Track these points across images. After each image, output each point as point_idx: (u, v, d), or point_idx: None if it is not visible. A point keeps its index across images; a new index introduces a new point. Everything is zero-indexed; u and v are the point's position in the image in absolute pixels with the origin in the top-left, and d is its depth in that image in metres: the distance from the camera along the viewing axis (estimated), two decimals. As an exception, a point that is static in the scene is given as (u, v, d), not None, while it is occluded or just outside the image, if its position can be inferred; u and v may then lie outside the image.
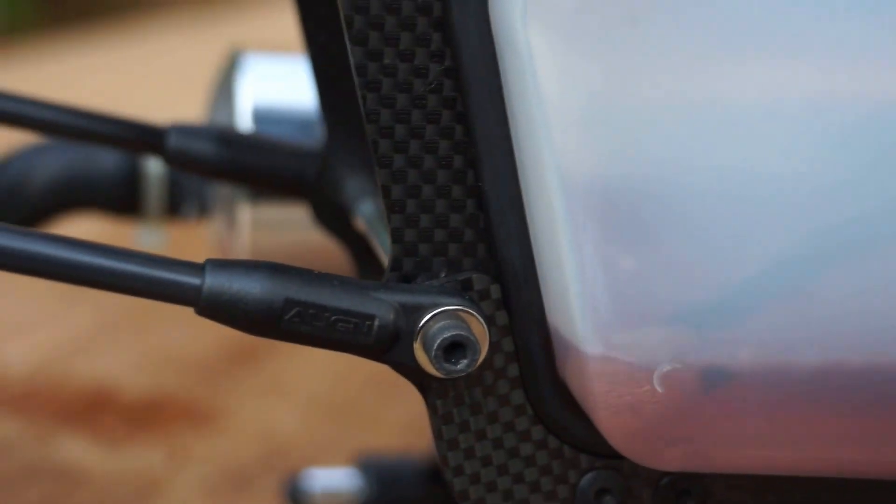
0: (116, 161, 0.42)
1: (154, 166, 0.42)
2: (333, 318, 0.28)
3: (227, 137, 0.36)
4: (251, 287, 0.27)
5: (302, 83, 0.42)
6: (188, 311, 0.77)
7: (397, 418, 0.59)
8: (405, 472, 0.50)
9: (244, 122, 0.41)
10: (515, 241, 0.28)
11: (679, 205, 0.26)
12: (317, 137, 0.41)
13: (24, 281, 0.65)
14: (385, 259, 0.33)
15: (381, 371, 0.65)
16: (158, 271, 0.27)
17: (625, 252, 0.26)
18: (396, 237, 0.28)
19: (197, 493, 0.51)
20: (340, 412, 0.59)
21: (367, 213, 0.34)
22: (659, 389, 0.26)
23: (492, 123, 0.28)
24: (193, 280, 0.27)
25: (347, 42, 0.27)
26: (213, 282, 0.27)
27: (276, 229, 0.42)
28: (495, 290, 0.29)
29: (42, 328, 0.65)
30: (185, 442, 0.55)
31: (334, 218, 0.36)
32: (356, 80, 0.27)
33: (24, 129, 0.36)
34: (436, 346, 0.27)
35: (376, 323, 0.28)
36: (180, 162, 0.36)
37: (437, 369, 0.28)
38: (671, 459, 0.28)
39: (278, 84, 0.42)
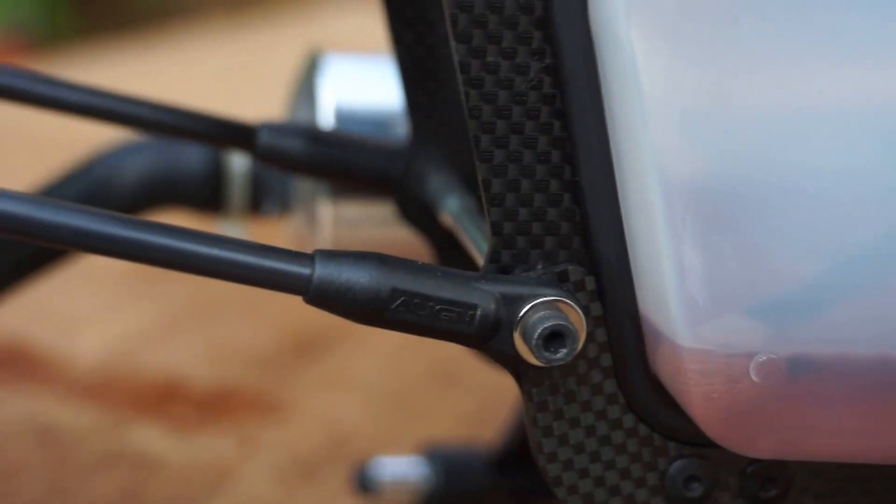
0: (202, 159, 0.42)
1: (238, 164, 0.43)
2: (437, 307, 0.28)
3: (315, 135, 0.36)
4: (359, 277, 0.28)
5: (380, 83, 0.42)
6: (248, 306, 0.78)
7: (454, 409, 0.60)
8: (471, 462, 0.50)
9: (326, 121, 0.42)
10: (610, 234, 0.29)
11: (773, 201, 0.26)
12: (394, 136, 0.41)
13: (91, 275, 0.66)
14: (474, 252, 0.33)
15: (435, 364, 0.65)
16: (271, 261, 0.28)
17: (721, 246, 0.27)
18: (496, 230, 0.29)
19: (267, 481, 0.52)
20: (398, 403, 0.60)
21: (453, 209, 0.35)
22: (754, 378, 0.27)
23: (590, 120, 0.28)
24: (304, 270, 0.28)
25: (451, 40, 0.27)
26: (322, 271, 0.28)
27: (356, 226, 0.42)
28: (590, 282, 0.29)
29: (110, 321, 0.65)
30: (253, 431, 0.55)
31: (419, 213, 0.37)
32: (459, 76, 0.28)
33: (119, 126, 0.37)
34: (536, 335, 0.28)
35: (478, 312, 0.28)
36: (271, 159, 0.36)
37: (536, 358, 0.28)
38: (764, 447, 0.28)
39: (358, 84, 0.43)
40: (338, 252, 0.28)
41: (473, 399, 0.61)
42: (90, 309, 0.66)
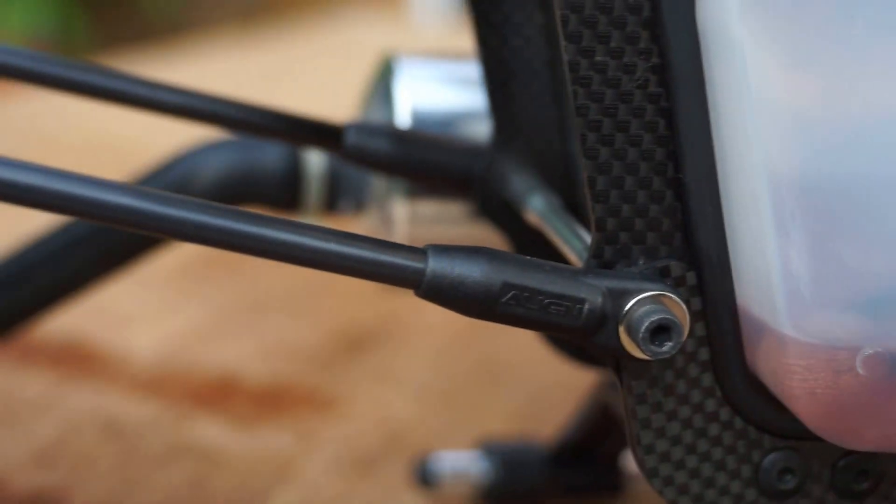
0: (281, 158, 0.43)
1: (315, 163, 0.43)
2: (546, 301, 0.28)
3: (400, 135, 0.37)
4: (471, 271, 0.28)
5: (453, 85, 0.43)
6: (294, 305, 0.78)
7: (503, 405, 0.60)
8: (528, 458, 0.50)
9: (403, 123, 0.42)
10: (711, 230, 0.29)
11: (883, 198, 0.27)
12: (470, 136, 0.41)
13: (140, 275, 0.66)
14: (565, 249, 0.34)
15: (481, 361, 0.66)
16: (385, 255, 0.28)
17: (829, 241, 0.27)
18: (599, 226, 0.29)
19: (328, 474, 0.52)
20: (448, 399, 0.60)
21: (538, 207, 0.35)
22: (860, 372, 0.27)
23: (694, 118, 0.28)
24: (418, 264, 0.28)
25: (561, 40, 0.28)
26: (435, 266, 0.28)
27: (432, 224, 0.42)
28: (691, 277, 0.29)
29: (162, 319, 0.66)
30: (310, 426, 0.56)
31: (501, 211, 0.37)
32: (568, 76, 0.28)
33: (205, 125, 0.37)
34: (643, 329, 0.28)
35: (586, 306, 0.28)
36: (357, 158, 0.36)
37: (643, 351, 0.28)
38: (866, 439, 0.28)
39: (432, 86, 0.43)
40: (449, 247, 0.29)
41: (521, 396, 0.61)
42: (142, 308, 0.66)
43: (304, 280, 0.72)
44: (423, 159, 0.37)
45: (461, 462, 0.50)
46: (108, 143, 0.93)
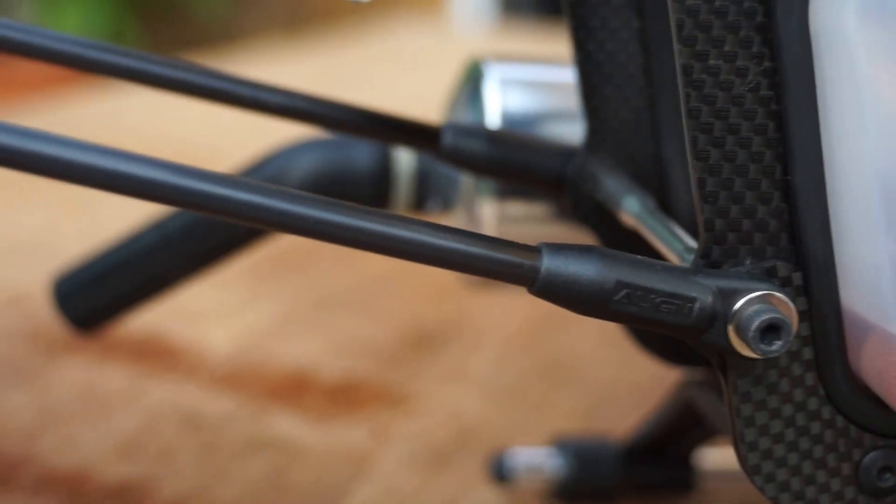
0: (371, 157, 0.43)
1: (405, 162, 0.43)
2: (658, 299, 0.28)
3: (495, 136, 0.37)
4: (585, 269, 0.28)
5: (541, 88, 0.43)
6: (360, 303, 0.78)
7: (568, 403, 0.60)
8: (601, 454, 0.50)
9: (493, 125, 0.42)
10: (818, 231, 0.29)
11: None
12: (560, 138, 0.42)
13: (212, 273, 0.66)
14: (664, 249, 0.34)
15: (543, 360, 0.65)
16: (500, 253, 0.28)
17: None
18: (707, 226, 0.29)
19: (404, 469, 0.52)
20: (515, 396, 0.60)
21: (634, 208, 0.35)
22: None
23: (804, 120, 0.28)
24: (533, 262, 0.28)
25: (676, 43, 0.28)
26: (550, 263, 0.28)
27: (519, 224, 0.43)
28: (797, 278, 0.29)
29: (233, 316, 0.66)
30: (382, 422, 0.56)
31: (593, 212, 0.37)
32: (681, 79, 0.28)
33: (306, 124, 0.37)
34: (753, 327, 0.28)
35: (697, 305, 0.28)
36: (454, 159, 0.37)
37: (753, 350, 0.28)
38: None
39: (521, 89, 0.43)
40: (563, 245, 0.29)
41: (584, 394, 0.61)
42: (214, 305, 0.67)
43: (368, 279, 0.72)
44: (518, 160, 0.37)
45: (536, 458, 0.50)
46: (191, 141, 0.94)
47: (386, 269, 0.74)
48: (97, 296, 0.43)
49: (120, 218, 0.78)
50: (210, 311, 0.65)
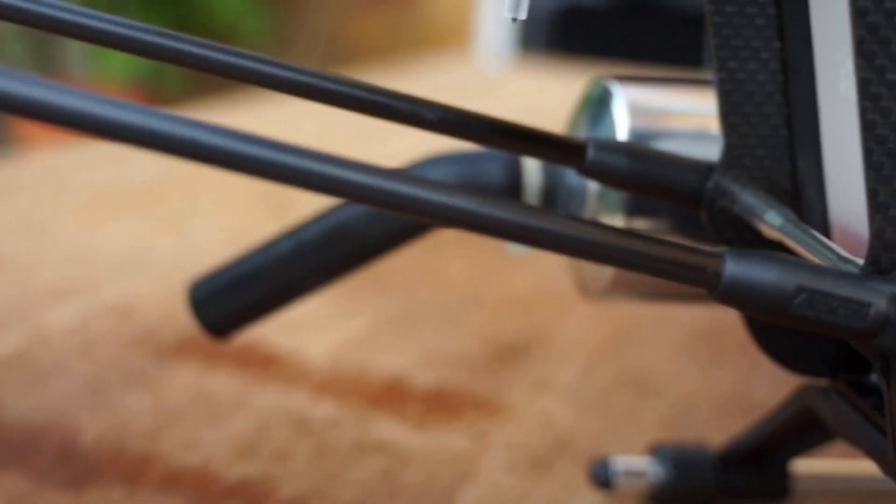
0: (503, 171, 0.44)
1: (532, 175, 0.44)
2: (836, 303, 0.29)
3: (637, 151, 0.38)
4: (766, 274, 0.29)
5: (668, 105, 0.44)
6: (444, 316, 0.78)
7: (653, 413, 0.60)
8: (699, 461, 0.51)
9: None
10: None
11: None
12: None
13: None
14: (815, 259, 0.34)
15: (624, 371, 0.66)
16: (686, 257, 0.29)
17: None
18: (878, 234, 0.30)
19: (506, 472, 0.53)
20: (602, 406, 0.61)
21: (777, 221, 0.36)
22: None
23: None
24: (716, 266, 0.29)
25: (856, 58, 0.29)
26: (733, 269, 0.29)
27: None
28: None
29: (328, 327, 0.67)
30: (481, 429, 0.57)
31: (729, 225, 0.38)
32: (859, 92, 0.29)
33: (457, 138, 0.38)
34: None
35: (872, 310, 0.29)
36: (595, 174, 0.37)
37: None
38: None
39: (648, 107, 0.44)
40: (745, 252, 0.30)
41: (668, 405, 0.61)
42: (309, 316, 0.68)
43: (452, 295, 0.73)
44: (659, 175, 0.37)
45: (635, 464, 0.50)
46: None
47: (467, 285, 0.75)
48: (231, 302, 0.44)
49: (205, 235, 0.80)
50: (306, 322, 0.66)
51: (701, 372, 0.66)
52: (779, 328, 0.37)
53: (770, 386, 0.65)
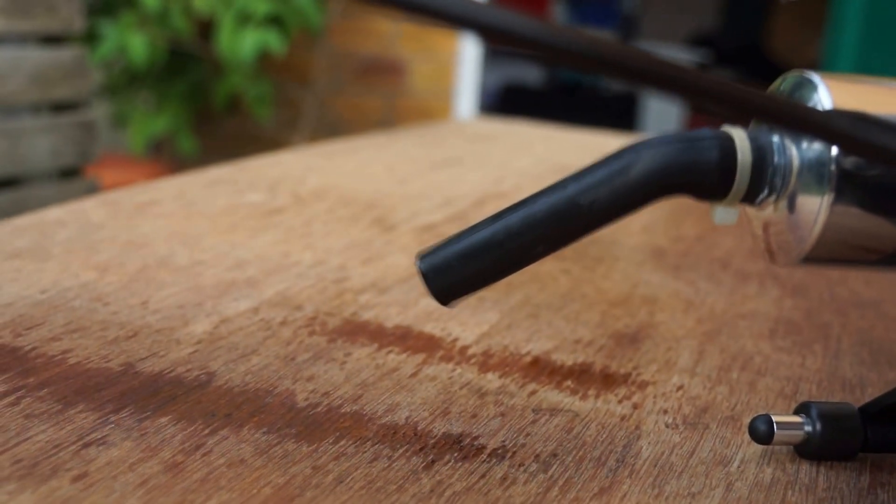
0: (718, 151, 0.42)
1: (744, 154, 0.42)
2: None
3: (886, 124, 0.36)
4: None
5: (872, 99, 0.42)
6: (566, 312, 0.78)
7: (769, 387, 0.61)
8: (848, 415, 0.51)
9: None
10: None
11: None
12: None
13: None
14: None
15: (736, 356, 0.66)
16: None
17: None
18: None
19: (668, 431, 0.53)
20: (724, 381, 0.61)
21: None
22: None
23: None
24: None
25: None
26: None
27: (845, 233, 0.42)
28: None
29: (468, 320, 0.67)
30: (634, 398, 0.56)
31: None
32: None
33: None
34: None
35: None
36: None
37: None
38: None
39: (854, 100, 0.42)
40: None
41: (779, 380, 0.62)
42: (447, 311, 0.68)
43: (559, 295, 0.73)
44: None
45: (790, 420, 0.50)
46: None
47: (572, 290, 0.75)
48: (462, 271, 0.43)
49: (332, 246, 0.79)
50: (445, 315, 0.66)
51: (798, 355, 0.67)
52: None
53: (857, 366, 0.65)
